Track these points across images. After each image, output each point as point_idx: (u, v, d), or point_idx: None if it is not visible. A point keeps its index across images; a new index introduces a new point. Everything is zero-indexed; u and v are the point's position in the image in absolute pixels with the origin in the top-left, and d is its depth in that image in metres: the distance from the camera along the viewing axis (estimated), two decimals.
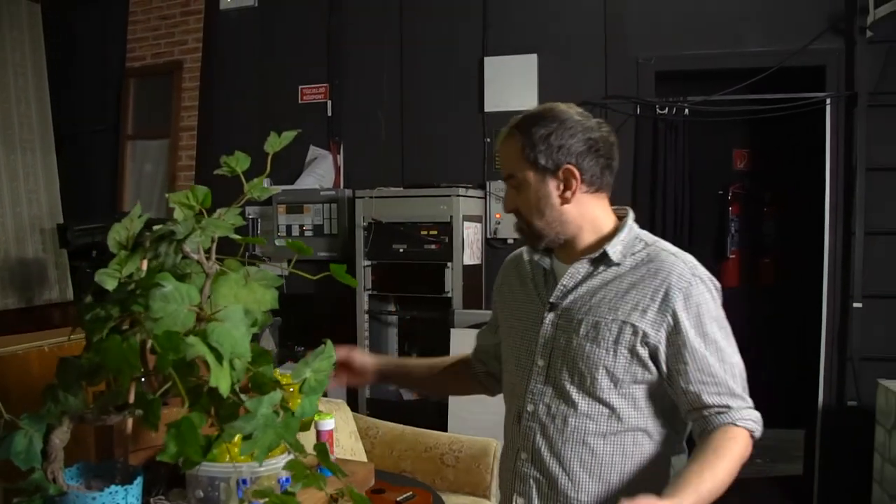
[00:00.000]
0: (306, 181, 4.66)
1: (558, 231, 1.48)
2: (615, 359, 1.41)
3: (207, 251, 1.27)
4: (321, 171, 4.71)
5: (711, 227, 5.54)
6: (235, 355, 1.10)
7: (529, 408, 1.50)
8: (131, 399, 1.32)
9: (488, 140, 4.44)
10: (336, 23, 4.73)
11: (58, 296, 4.90)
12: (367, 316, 4.25)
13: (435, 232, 4.06)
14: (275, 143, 1.29)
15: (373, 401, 4.20)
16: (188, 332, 1.07)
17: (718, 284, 1.48)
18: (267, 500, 1.21)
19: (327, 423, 1.67)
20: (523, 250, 1.64)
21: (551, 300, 1.50)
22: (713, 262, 5.54)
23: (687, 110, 4.13)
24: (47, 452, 1.18)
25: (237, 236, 1.34)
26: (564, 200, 1.46)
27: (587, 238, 1.50)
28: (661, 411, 1.47)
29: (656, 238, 1.52)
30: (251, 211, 4.73)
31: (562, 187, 1.46)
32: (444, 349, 3.91)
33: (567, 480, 1.46)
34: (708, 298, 1.42)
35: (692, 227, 4.22)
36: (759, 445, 4.79)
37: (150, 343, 1.11)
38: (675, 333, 1.39)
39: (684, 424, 1.51)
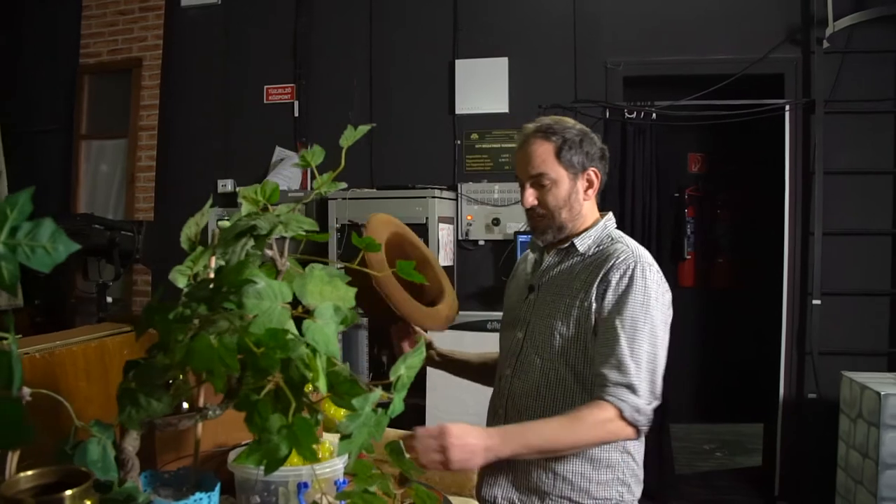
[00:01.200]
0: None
1: (575, 223, 1.72)
2: (567, 328, 1.64)
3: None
4: (287, 173, 4.64)
5: (669, 228, 5.70)
6: (329, 353, 1.09)
7: (507, 372, 1.75)
8: (201, 402, 1.30)
9: (459, 142, 4.47)
10: (303, 22, 4.67)
11: (6, 302, 4.68)
12: None
13: None
14: (350, 137, 1.27)
15: None
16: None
17: (665, 284, 1.63)
18: (349, 500, 1.19)
19: None
20: (528, 253, 1.90)
21: (531, 284, 1.77)
22: (671, 263, 5.70)
23: (654, 114, 4.24)
24: (123, 461, 1.14)
25: (302, 233, 1.32)
26: (586, 198, 1.72)
27: (563, 233, 1.73)
28: None
29: (623, 235, 1.73)
30: (217, 211, 4.63)
31: (586, 186, 1.71)
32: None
33: None
34: (640, 285, 1.57)
35: (659, 227, 4.34)
36: (718, 440, 4.93)
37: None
38: (601, 303, 1.59)
39: None
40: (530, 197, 1.69)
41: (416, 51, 4.55)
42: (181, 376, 1.19)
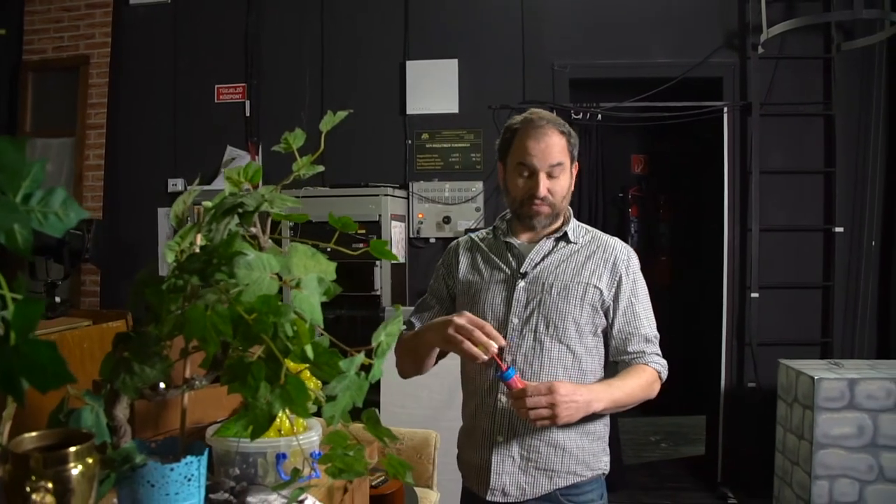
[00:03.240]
0: (224, 182, 4.58)
1: (564, 211, 1.85)
2: (581, 312, 1.76)
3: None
4: None
5: (614, 227, 5.88)
6: (314, 321, 1.16)
7: (508, 358, 1.76)
8: (188, 373, 1.34)
9: (410, 142, 4.54)
10: (254, 21, 4.68)
11: None
12: None
13: (363, 231, 4.10)
14: (329, 122, 1.33)
15: None
16: None
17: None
18: (330, 464, 1.25)
19: (510, 373, 1.62)
20: (471, 236, 1.97)
21: (522, 270, 1.81)
22: None
23: (600, 116, 4.39)
24: (115, 427, 1.19)
25: (280, 213, 1.38)
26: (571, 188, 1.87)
27: (556, 222, 1.86)
28: (604, 358, 1.84)
29: (590, 227, 1.93)
30: (165, 211, 4.60)
31: (573, 177, 1.86)
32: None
33: None
34: (638, 268, 1.85)
35: (605, 226, 4.48)
36: (662, 431, 5.11)
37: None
38: (617, 292, 1.78)
39: (613, 368, 1.87)
40: (544, 186, 1.76)
41: (368, 52, 4.60)
42: (166, 351, 1.23)
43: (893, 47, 4.19)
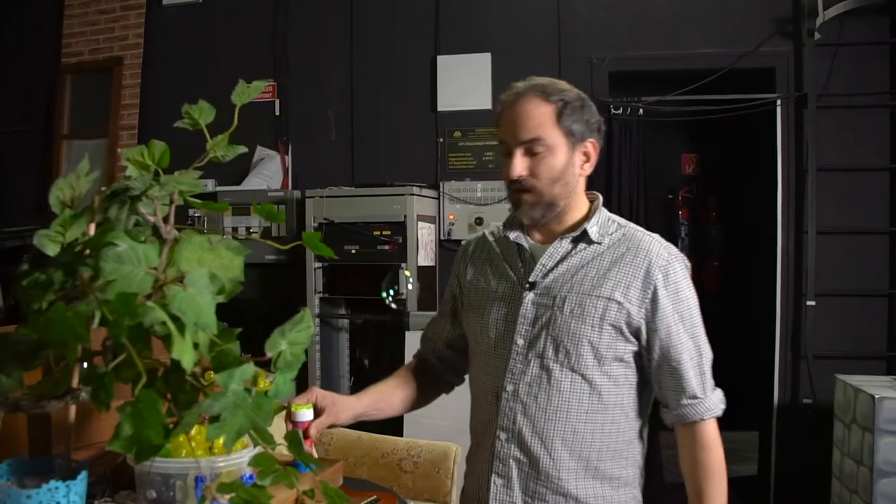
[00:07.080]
0: (253, 182, 4.50)
1: (567, 202, 1.48)
2: (600, 334, 1.42)
3: (165, 216, 1.14)
4: (268, 172, 4.55)
5: (658, 229, 5.57)
6: (200, 326, 0.98)
7: (510, 387, 1.47)
8: (75, 382, 1.19)
9: (441, 140, 4.37)
10: (283, 20, 4.60)
11: None
12: (318, 320, 4.10)
13: (388, 232, 3.94)
14: (243, 94, 1.16)
15: None
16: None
17: (688, 262, 1.53)
18: (233, 495, 1.08)
19: (306, 414, 1.51)
20: (485, 234, 1.66)
21: (531, 279, 1.49)
22: None
23: (641, 111, 4.12)
24: None
25: (197, 201, 1.20)
26: (582, 173, 1.50)
27: (573, 216, 1.51)
28: (635, 388, 1.49)
29: (626, 220, 1.56)
30: (196, 210, 4.54)
31: (583, 160, 1.49)
32: (399, 353, 3.80)
33: (549, 459, 1.45)
34: (682, 276, 1.46)
35: (649, 230, 4.20)
36: None
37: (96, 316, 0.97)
38: (654, 311, 1.42)
39: (650, 397, 1.54)
40: (519, 165, 1.43)
41: (397, 47, 4.46)
42: (65, 357, 1.08)
43: None
